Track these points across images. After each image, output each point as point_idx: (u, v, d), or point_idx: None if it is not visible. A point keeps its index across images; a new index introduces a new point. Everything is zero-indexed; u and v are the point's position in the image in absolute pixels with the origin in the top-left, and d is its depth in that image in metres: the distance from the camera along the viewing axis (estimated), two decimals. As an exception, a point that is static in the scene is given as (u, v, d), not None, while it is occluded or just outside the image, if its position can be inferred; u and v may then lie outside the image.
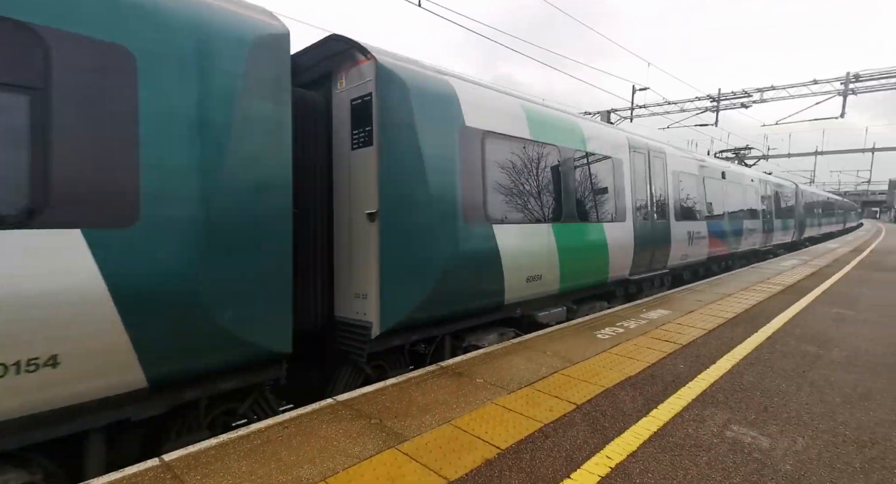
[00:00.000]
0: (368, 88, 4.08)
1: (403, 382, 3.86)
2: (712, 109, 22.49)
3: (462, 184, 4.73)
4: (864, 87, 20.47)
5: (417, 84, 4.30)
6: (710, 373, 4.21)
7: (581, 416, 3.30)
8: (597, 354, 4.69)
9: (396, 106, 4.08)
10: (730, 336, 5.48)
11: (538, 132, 5.80)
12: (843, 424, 3.27)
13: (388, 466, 2.62)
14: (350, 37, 4.16)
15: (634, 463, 2.71)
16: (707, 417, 3.31)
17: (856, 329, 5.96)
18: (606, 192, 7.08)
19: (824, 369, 4.40)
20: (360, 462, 2.65)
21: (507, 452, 2.79)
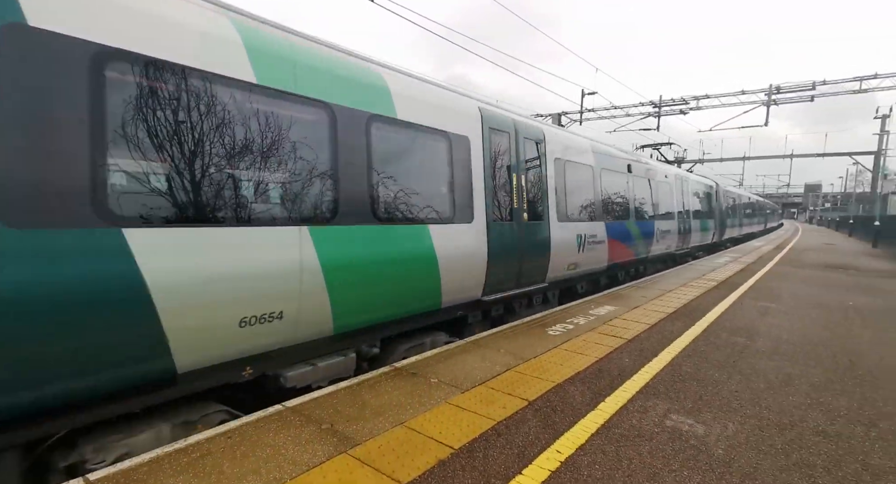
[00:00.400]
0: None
1: (356, 385, 3.78)
2: (654, 115, 23.82)
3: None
4: (784, 99, 22.46)
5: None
6: (652, 366, 4.44)
7: (533, 412, 3.37)
8: (548, 350, 4.82)
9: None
10: (670, 330, 5.81)
11: (276, 74, 3.47)
12: (767, 409, 3.55)
13: (339, 472, 2.55)
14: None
15: (583, 456, 2.80)
16: (649, 408, 3.49)
17: (778, 320, 6.51)
18: (437, 182, 5.01)
19: (751, 358, 4.77)
20: (310, 470, 2.56)
21: (460, 452, 2.79)
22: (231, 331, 3.19)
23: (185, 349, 2.98)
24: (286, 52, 3.59)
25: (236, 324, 3.20)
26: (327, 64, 3.94)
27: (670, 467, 2.70)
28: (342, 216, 3.89)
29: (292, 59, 3.61)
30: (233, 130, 3.21)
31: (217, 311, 3.07)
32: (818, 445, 3.01)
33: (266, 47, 3.45)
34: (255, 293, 3.27)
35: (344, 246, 3.88)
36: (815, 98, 21.89)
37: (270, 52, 3.47)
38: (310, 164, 3.68)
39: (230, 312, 3.15)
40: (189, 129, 3.00)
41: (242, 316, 3.23)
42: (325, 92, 3.83)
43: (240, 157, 3.26)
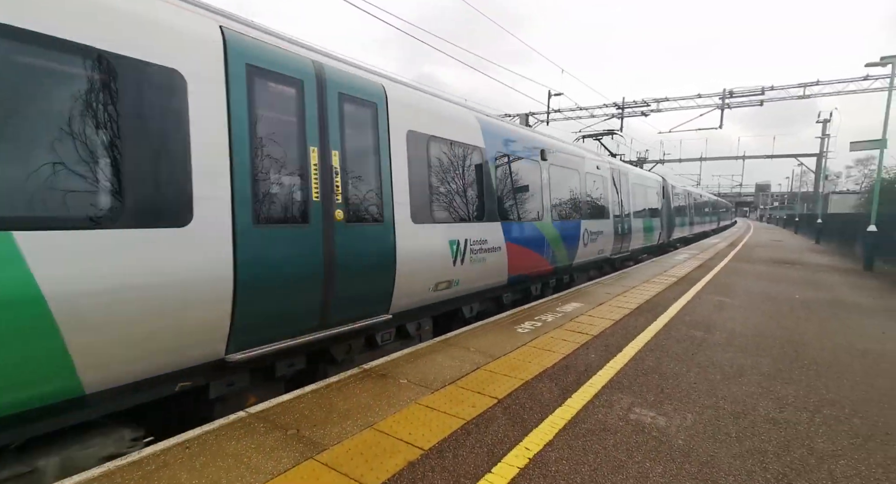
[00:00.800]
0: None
1: (323, 388, 3.69)
2: (618, 116, 24.55)
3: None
4: (737, 102, 23.67)
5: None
6: (617, 360, 4.57)
7: (502, 410, 3.40)
8: (517, 347, 4.87)
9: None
10: (634, 325, 6.00)
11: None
12: (723, 399, 3.72)
13: (305, 479, 2.48)
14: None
15: (551, 451, 2.84)
16: (614, 402, 3.59)
17: (732, 314, 6.85)
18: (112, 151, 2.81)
19: (708, 351, 4.99)
20: (274, 478, 2.48)
21: (430, 453, 2.78)
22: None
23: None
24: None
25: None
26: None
27: (634, 459, 2.78)
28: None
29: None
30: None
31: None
32: (769, 432, 3.18)
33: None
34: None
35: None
36: (764, 103, 23.17)
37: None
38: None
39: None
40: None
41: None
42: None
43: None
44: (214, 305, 3.20)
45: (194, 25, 3.21)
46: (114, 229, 2.69)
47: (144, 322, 2.83)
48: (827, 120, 32.44)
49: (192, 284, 3.04)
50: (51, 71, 2.54)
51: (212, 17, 3.42)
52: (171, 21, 3.06)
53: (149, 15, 2.95)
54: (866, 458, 2.90)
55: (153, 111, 2.93)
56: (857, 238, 16.27)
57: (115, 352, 2.75)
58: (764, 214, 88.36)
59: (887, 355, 5.08)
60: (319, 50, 4.43)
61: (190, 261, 3.03)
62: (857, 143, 15.11)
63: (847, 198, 38.44)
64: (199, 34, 3.22)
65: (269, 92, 3.68)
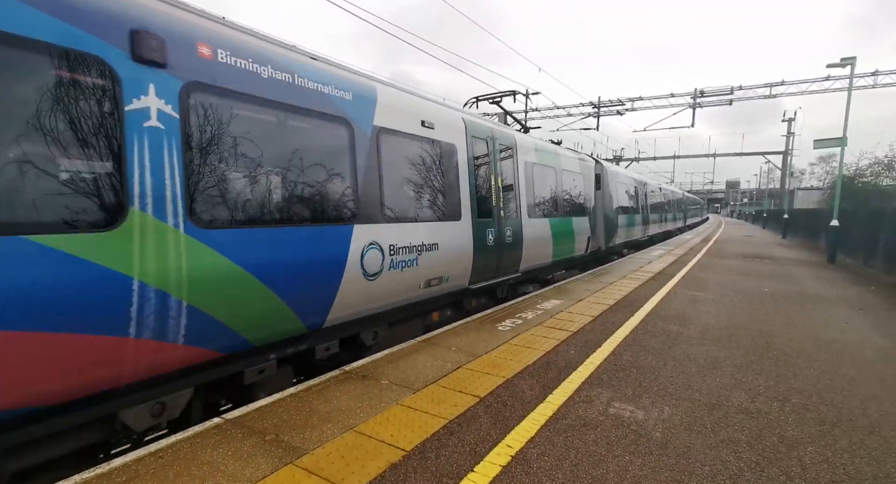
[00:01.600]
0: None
1: (303, 391, 3.63)
2: (594, 115, 24.94)
3: None
4: (707, 101, 24.36)
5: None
6: (596, 356, 4.64)
7: (484, 408, 3.40)
8: (498, 346, 4.89)
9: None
10: (612, 321, 6.11)
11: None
12: (698, 391, 3.82)
13: (284, 485, 2.42)
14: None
15: (533, 448, 2.86)
16: (594, 398, 3.64)
17: (706, 308, 7.05)
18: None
19: (684, 345, 5.12)
20: (253, 486, 2.41)
21: (412, 454, 2.76)
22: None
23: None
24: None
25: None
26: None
27: (614, 453, 2.82)
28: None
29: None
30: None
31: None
32: (742, 423, 3.28)
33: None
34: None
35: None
36: (733, 102, 23.92)
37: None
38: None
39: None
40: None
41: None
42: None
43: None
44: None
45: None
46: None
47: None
48: (791, 119, 33.70)
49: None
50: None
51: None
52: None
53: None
54: (833, 444, 3.02)
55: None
56: (821, 232, 16.98)
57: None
58: (734, 211, 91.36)
59: (850, 345, 5.31)
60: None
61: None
62: (820, 141, 15.75)
63: (811, 194, 40.11)
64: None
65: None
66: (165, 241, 2.94)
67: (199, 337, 3.15)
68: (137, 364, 2.85)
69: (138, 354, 2.83)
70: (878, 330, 6.09)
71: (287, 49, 4.24)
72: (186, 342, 3.08)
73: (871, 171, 25.65)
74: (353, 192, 4.45)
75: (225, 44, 3.44)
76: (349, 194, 4.41)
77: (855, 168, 25.81)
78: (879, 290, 9.52)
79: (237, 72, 3.48)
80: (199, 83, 3.20)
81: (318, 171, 4.14)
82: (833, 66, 14.86)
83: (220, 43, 3.40)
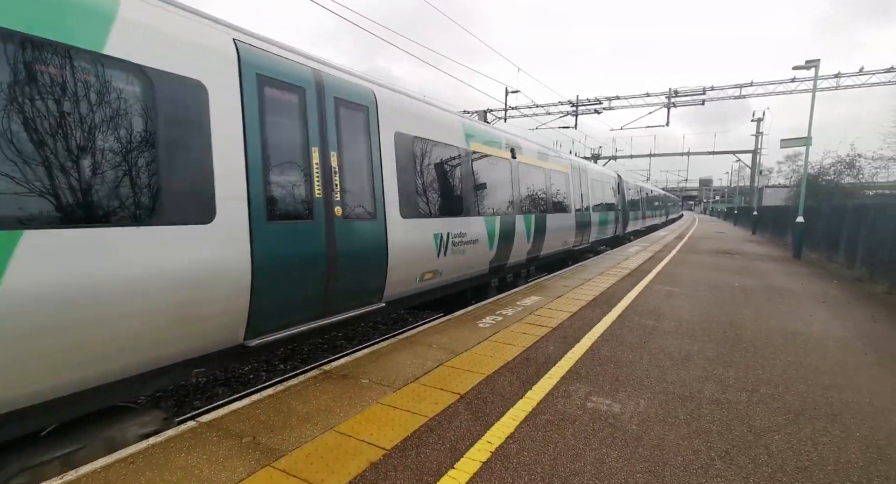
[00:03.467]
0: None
1: (281, 392, 3.57)
2: (572, 113, 25.25)
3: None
4: (681, 101, 24.96)
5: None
6: (574, 351, 4.71)
7: (464, 405, 3.42)
8: (478, 342, 4.92)
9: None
10: (590, 316, 6.22)
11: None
12: (672, 384, 3.93)
13: (262, 488, 2.39)
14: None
15: (512, 444, 2.89)
16: (572, 392, 3.70)
17: (680, 302, 7.24)
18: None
19: (659, 339, 5.25)
20: (229, 490, 2.37)
21: (392, 452, 2.75)
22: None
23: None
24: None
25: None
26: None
27: (591, 447, 2.88)
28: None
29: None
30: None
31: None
32: (713, 413, 3.39)
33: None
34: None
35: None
36: (705, 102, 24.57)
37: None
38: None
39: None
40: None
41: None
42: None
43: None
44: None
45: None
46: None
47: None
48: (760, 119, 34.86)
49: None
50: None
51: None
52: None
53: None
54: (797, 432, 3.15)
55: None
56: (788, 229, 17.65)
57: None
58: (707, 208, 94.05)
59: (813, 336, 5.55)
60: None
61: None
62: (787, 140, 16.35)
63: (779, 191, 41.60)
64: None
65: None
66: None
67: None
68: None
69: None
70: (838, 321, 6.38)
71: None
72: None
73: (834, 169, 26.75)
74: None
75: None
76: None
77: (819, 167, 26.88)
78: (841, 284, 9.96)
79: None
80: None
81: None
82: (798, 67, 15.42)
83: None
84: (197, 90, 3.26)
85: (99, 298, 2.68)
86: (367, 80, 5.19)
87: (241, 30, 3.86)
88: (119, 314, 2.78)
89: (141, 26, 2.99)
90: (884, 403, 3.66)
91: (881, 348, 5.17)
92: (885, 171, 27.12)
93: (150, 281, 2.92)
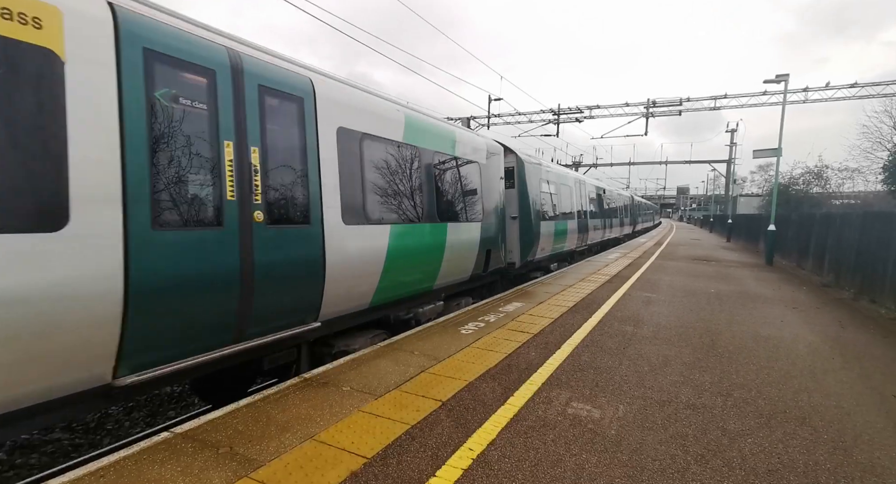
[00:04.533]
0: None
1: (260, 400, 3.50)
2: (554, 121, 25.65)
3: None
4: (659, 111, 25.63)
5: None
6: (556, 358, 4.76)
7: (446, 412, 3.41)
8: (461, 349, 4.92)
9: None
10: (571, 323, 6.29)
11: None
12: (650, 389, 4.00)
13: (239, 500, 2.33)
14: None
15: (494, 450, 2.90)
16: (553, 398, 3.73)
17: (658, 308, 7.40)
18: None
19: (638, 344, 5.34)
20: (204, 502, 2.31)
21: (373, 461, 2.73)
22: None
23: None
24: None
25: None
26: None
27: (571, 452, 2.91)
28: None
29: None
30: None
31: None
32: (689, 418, 3.47)
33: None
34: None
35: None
36: (682, 112, 25.29)
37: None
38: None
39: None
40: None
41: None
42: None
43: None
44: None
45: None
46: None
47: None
48: (734, 130, 36.04)
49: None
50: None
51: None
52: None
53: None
54: (769, 435, 3.24)
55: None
56: (761, 236, 18.23)
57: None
58: (683, 215, 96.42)
59: (784, 340, 5.73)
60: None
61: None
62: (759, 151, 16.94)
63: (752, 200, 43.01)
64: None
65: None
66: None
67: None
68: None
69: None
70: (808, 326, 6.61)
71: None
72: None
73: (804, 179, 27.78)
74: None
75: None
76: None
77: (789, 177, 27.87)
78: (810, 290, 10.33)
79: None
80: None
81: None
82: (769, 81, 16.03)
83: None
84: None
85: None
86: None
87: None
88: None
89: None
90: (850, 406, 3.81)
91: (847, 353, 5.37)
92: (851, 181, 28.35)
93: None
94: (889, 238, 8.43)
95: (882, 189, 22.81)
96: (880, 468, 2.87)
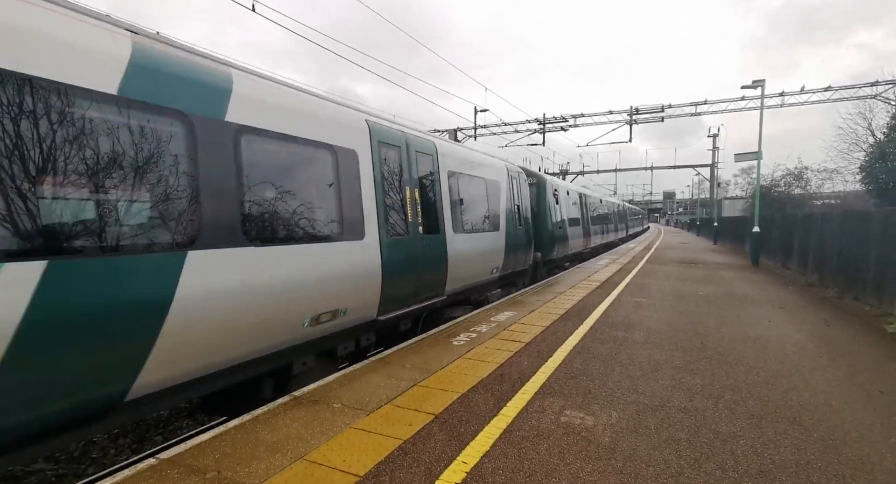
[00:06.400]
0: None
1: (248, 422, 3.44)
2: (540, 131, 25.98)
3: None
4: (642, 118, 26.11)
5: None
6: (548, 366, 4.76)
7: (439, 425, 3.38)
8: (453, 361, 4.90)
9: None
10: (562, 330, 6.30)
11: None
12: (643, 394, 4.01)
13: (227, 526, 2.28)
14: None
15: (488, 462, 2.87)
16: (546, 407, 3.72)
17: (648, 313, 7.45)
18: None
19: (629, 350, 5.36)
20: (192, 529, 2.25)
21: (365, 479, 2.68)
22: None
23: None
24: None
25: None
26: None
27: (565, 461, 2.89)
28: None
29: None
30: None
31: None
32: (681, 421, 3.48)
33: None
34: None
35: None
36: (664, 119, 25.80)
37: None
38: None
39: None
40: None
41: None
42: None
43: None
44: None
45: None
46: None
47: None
48: (716, 134, 36.80)
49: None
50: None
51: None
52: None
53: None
54: (760, 436, 3.26)
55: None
56: (746, 238, 18.52)
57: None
58: (670, 220, 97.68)
59: (772, 341, 5.80)
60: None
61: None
62: (740, 154, 17.31)
63: (736, 203, 43.73)
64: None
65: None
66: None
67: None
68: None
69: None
70: (794, 325, 6.70)
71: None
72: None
73: (785, 181, 28.39)
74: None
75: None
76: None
77: (771, 179, 28.45)
78: (795, 289, 10.49)
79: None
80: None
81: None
82: (746, 87, 16.45)
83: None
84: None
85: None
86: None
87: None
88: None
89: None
90: (838, 403, 3.85)
91: (833, 350, 5.45)
92: (831, 181, 29.03)
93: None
94: (868, 236, 8.62)
95: (861, 188, 23.40)
96: (870, 464, 2.90)
